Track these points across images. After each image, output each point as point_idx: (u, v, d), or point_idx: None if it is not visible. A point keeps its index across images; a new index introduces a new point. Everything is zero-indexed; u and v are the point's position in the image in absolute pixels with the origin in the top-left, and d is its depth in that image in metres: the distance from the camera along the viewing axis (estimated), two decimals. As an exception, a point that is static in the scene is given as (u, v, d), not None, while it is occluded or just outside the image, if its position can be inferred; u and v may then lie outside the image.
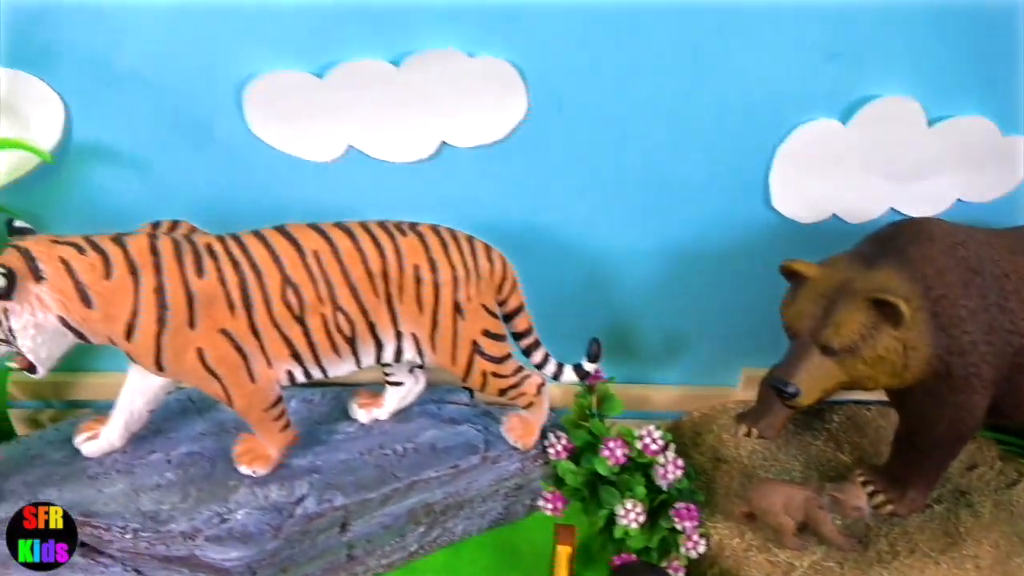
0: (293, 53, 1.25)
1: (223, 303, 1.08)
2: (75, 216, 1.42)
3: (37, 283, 1.03)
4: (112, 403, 1.54)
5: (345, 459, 1.30)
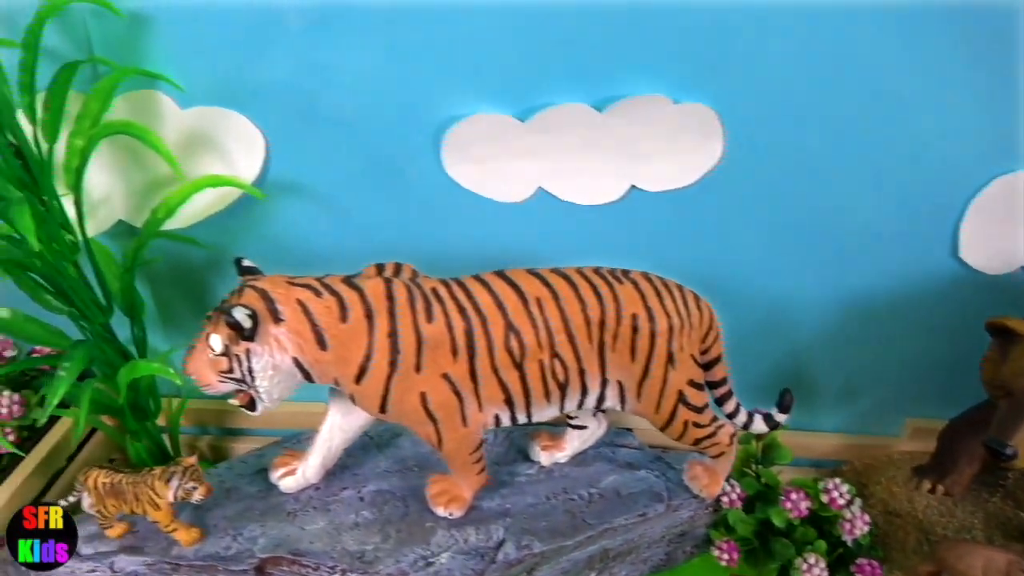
0: (498, 96, 1.26)
1: (448, 348, 1.08)
2: (261, 250, 1.44)
3: (276, 324, 1.04)
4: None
5: (533, 503, 1.29)
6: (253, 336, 1.02)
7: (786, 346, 1.52)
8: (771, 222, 1.38)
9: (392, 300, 1.06)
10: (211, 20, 1.21)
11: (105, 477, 1.15)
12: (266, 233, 1.42)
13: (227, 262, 1.47)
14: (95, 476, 1.15)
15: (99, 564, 1.15)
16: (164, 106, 1.28)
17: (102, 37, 1.24)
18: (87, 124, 1.18)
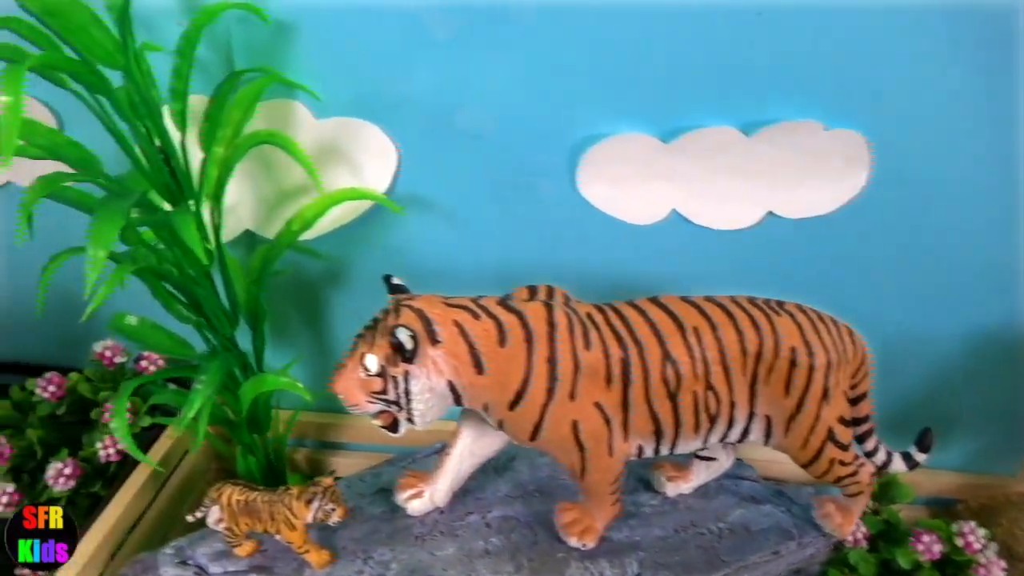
0: (643, 116, 1.23)
1: (602, 376, 1.05)
2: (380, 265, 1.41)
3: (433, 346, 1.01)
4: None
5: (662, 536, 1.25)
6: (413, 358, 0.99)
7: (905, 380, 1.48)
8: (907, 254, 1.34)
9: (553, 326, 1.03)
10: (356, 30, 1.19)
11: (239, 494, 1.12)
12: (386, 247, 1.40)
13: (344, 276, 1.46)
14: (228, 493, 1.13)
15: (230, 584, 1.13)
16: (300, 116, 1.26)
17: (242, 43, 1.22)
18: (229, 133, 1.16)
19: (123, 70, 1.01)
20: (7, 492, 1.32)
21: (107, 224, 0.88)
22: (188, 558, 1.17)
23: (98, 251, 0.87)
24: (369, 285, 1.46)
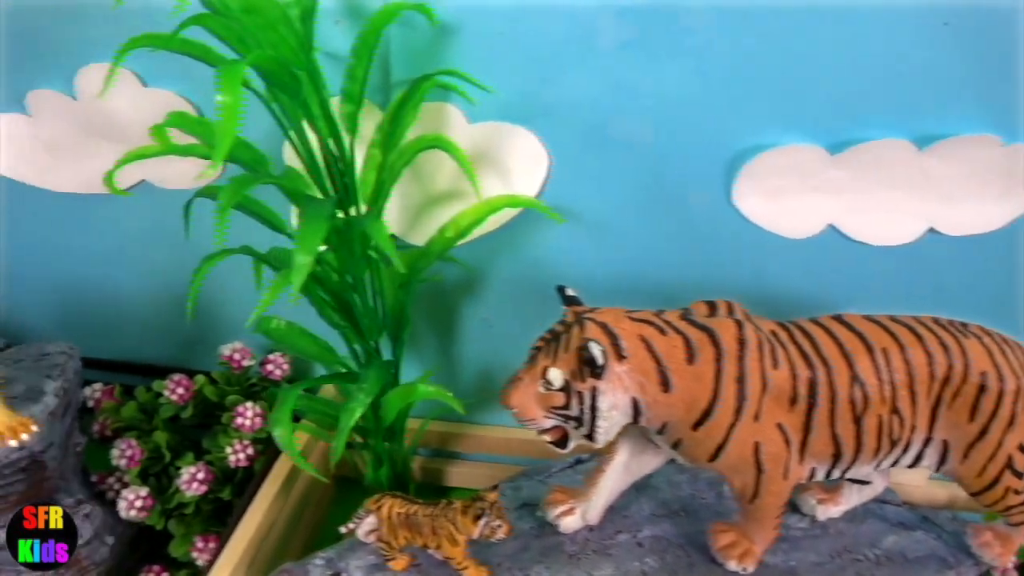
0: (811, 127, 1.19)
1: (787, 397, 1.01)
2: (517, 275, 1.40)
3: (619, 362, 0.97)
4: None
5: (817, 562, 1.20)
6: (603, 374, 0.96)
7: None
8: (1067, 276, 1.30)
9: (743, 344, 0.99)
10: (519, 32, 1.16)
11: (400, 507, 1.10)
12: (524, 258, 1.37)
13: (478, 286, 1.43)
14: (389, 505, 1.10)
15: (389, 597, 1.10)
16: (454, 119, 1.23)
17: (400, 45, 1.19)
18: (390, 137, 1.13)
19: (305, 70, 0.99)
20: (140, 496, 1.30)
21: (313, 229, 0.85)
22: (341, 570, 1.14)
23: (306, 257, 0.84)
24: (503, 296, 1.43)
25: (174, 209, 1.41)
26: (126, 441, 1.34)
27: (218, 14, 0.90)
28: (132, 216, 1.44)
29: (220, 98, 0.80)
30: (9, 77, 1.30)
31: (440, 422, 1.58)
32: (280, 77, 0.93)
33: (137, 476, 1.34)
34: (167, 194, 1.39)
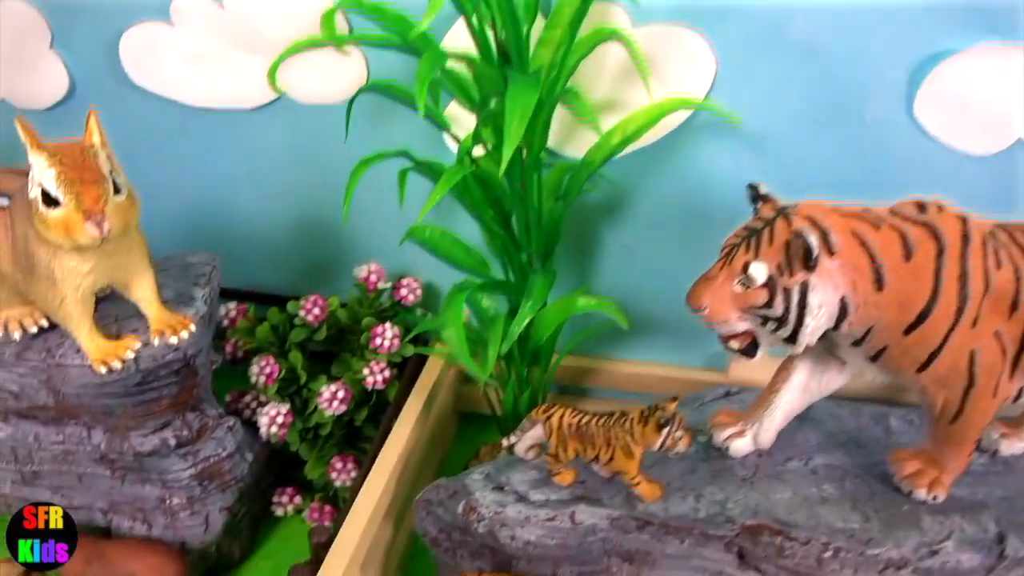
0: (1006, 27, 1.10)
1: (1007, 302, 0.93)
2: (662, 195, 1.33)
3: (829, 257, 0.90)
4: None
5: (1005, 496, 1.11)
6: (815, 266, 0.89)
7: None
8: None
9: (966, 240, 0.91)
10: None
11: (571, 417, 1.04)
12: (676, 176, 1.30)
13: (622, 205, 1.36)
14: (560, 414, 1.04)
15: (558, 512, 1.03)
16: (618, 20, 1.16)
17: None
18: (561, 34, 1.07)
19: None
20: (281, 412, 1.26)
21: (523, 102, 0.79)
22: (502, 483, 1.08)
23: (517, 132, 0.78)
24: (647, 221, 1.36)
25: (310, 126, 1.38)
26: (264, 358, 1.30)
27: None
28: (264, 134, 1.40)
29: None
30: (153, -17, 1.28)
31: (570, 356, 1.52)
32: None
33: (275, 393, 1.30)
34: (304, 111, 1.35)
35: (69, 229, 0.86)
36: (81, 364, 1.03)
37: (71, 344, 1.05)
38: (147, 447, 1.12)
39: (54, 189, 0.85)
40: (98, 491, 1.21)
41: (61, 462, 1.19)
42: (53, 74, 1.39)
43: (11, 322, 1.06)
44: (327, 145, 1.38)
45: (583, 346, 1.46)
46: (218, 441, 1.20)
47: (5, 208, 0.96)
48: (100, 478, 1.20)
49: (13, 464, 1.21)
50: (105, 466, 1.18)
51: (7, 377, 1.10)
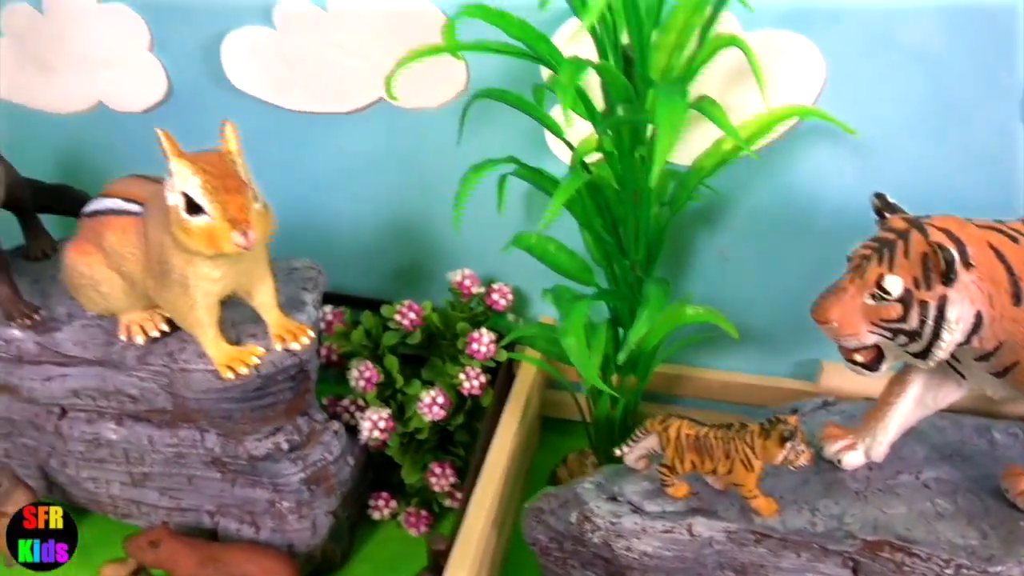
0: None
1: None
2: (760, 205, 1.32)
3: (967, 270, 0.89)
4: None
5: None
6: (955, 279, 0.88)
7: None
8: None
9: (1111, 253, 0.90)
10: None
11: (689, 428, 1.03)
12: (776, 183, 1.29)
13: (718, 213, 1.35)
14: (677, 426, 1.04)
15: (675, 524, 1.03)
16: (729, 27, 1.16)
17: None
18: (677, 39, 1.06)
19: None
20: (383, 417, 1.27)
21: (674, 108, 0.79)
22: (615, 494, 1.09)
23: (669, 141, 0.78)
24: (744, 228, 1.35)
25: (407, 130, 1.39)
26: (363, 363, 1.31)
27: None
28: (361, 138, 1.41)
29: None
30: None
31: (667, 364, 1.52)
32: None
33: (375, 398, 1.31)
34: (401, 115, 1.35)
35: (214, 238, 0.87)
36: (204, 369, 1.05)
37: (194, 349, 1.06)
38: (261, 451, 1.13)
39: (199, 197, 0.86)
40: (207, 493, 1.23)
41: (172, 464, 1.20)
42: (151, 77, 1.41)
43: (133, 327, 1.07)
44: (422, 150, 1.39)
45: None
46: (325, 446, 1.21)
47: (139, 216, 0.98)
48: (210, 481, 1.22)
49: (124, 465, 1.23)
50: (216, 469, 1.20)
51: (127, 381, 1.11)
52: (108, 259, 1.00)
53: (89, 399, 1.15)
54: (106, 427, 1.18)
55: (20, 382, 1.15)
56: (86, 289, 1.03)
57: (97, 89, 1.46)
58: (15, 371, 1.15)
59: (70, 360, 1.12)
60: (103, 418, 1.19)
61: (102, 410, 1.17)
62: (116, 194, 1.00)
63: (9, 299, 1.10)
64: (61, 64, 1.43)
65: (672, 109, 0.78)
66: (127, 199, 0.99)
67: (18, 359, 1.14)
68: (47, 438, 1.24)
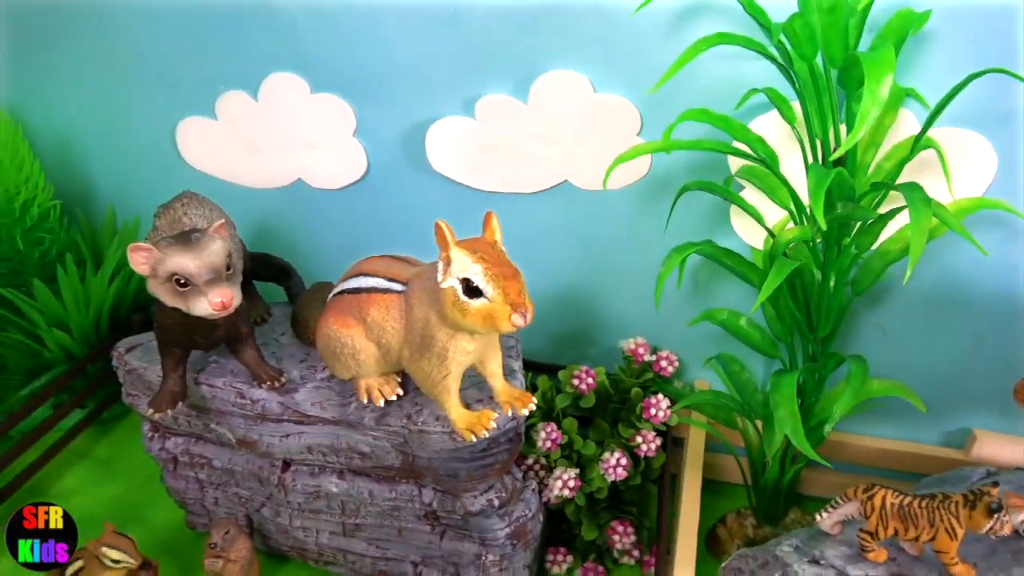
0: None
1: None
2: (924, 279, 1.40)
3: None
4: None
5: None
6: None
7: None
8: None
9: None
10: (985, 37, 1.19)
11: (894, 498, 1.11)
12: (939, 263, 1.37)
13: (881, 289, 1.44)
14: (882, 495, 1.11)
15: (881, 588, 1.11)
16: (908, 125, 1.26)
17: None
18: (869, 136, 1.17)
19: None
20: (572, 476, 1.36)
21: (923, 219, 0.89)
22: (817, 557, 1.16)
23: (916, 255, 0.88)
24: (904, 303, 1.43)
25: (584, 209, 1.51)
26: (549, 425, 1.41)
27: (802, 15, 0.96)
28: (542, 215, 1.52)
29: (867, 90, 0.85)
30: (462, 86, 1.42)
31: (809, 428, 1.59)
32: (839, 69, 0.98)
33: (562, 458, 1.41)
34: (581, 195, 1.47)
35: (493, 319, 0.98)
36: (440, 431, 1.15)
37: (430, 412, 1.17)
38: (476, 507, 1.23)
39: (481, 284, 0.97)
40: (415, 545, 1.33)
41: (386, 517, 1.30)
42: (352, 159, 1.55)
43: (373, 390, 1.18)
44: (595, 225, 1.51)
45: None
46: (525, 503, 1.30)
47: (401, 294, 1.09)
48: (420, 533, 1.31)
49: (338, 516, 1.33)
50: (427, 522, 1.30)
51: (361, 439, 1.22)
52: (368, 331, 1.12)
53: (320, 455, 1.26)
54: (328, 480, 1.29)
55: (259, 438, 1.27)
56: (344, 357, 1.14)
57: (299, 167, 1.61)
58: (255, 427, 1.27)
59: (308, 419, 1.24)
60: (325, 472, 1.29)
61: (328, 465, 1.28)
62: (377, 273, 1.12)
63: (257, 363, 1.23)
64: (269, 147, 1.59)
65: (922, 215, 0.89)
66: (390, 279, 1.11)
67: (261, 417, 1.25)
68: (266, 489, 1.35)
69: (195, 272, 1.01)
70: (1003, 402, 1.51)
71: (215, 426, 1.29)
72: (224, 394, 1.25)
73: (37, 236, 1.60)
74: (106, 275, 1.63)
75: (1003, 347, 1.45)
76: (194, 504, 1.46)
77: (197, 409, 1.28)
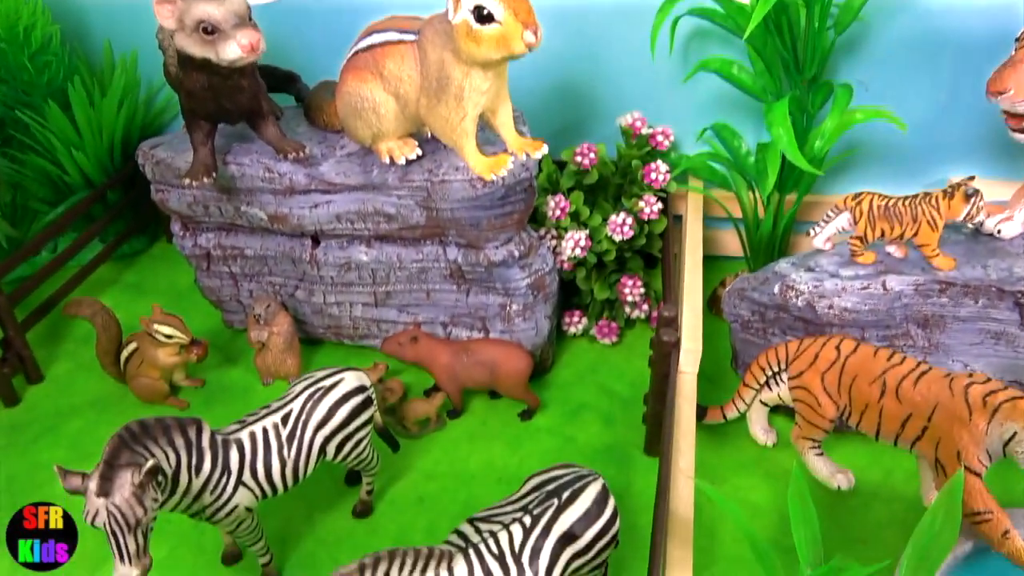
0: None
1: None
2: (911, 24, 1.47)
3: None
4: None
5: None
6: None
7: None
8: None
9: None
10: None
11: (880, 200, 1.22)
12: (918, 9, 1.45)
13: (861, 40, 1.51)
14: (869, 199, 1.22)
15: (870, 281, 1.23)
16: None
17: None
18: None
19: None
20: (583, 236, 1.46)
21: None
22: (813, 266, 1.28)
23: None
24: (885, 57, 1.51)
25: None
26: (557, 195, 1.50)
27: None
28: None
29: None
30: None
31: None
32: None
33: (571, 222, 1.50)
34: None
35: (506, 40, 1.04)
36: (462, 180, 1.24)
37: (449, 164, 1.25)
38: (498, 257, 1.33)
39: (493, 7, 1.03)
40: (443, 306, 1.43)
41: (414, 281, 1.40)
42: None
43: (395, 151, 1.26)
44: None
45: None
46: (542, 257, 1.40)
47: (413, 43, 1.15)
48: (447, 293, 1.41)
49: (369, 286, 1.43)
50: (452, 282, 1.40)
51: (386, 201, 1.31)
52: (386, 84, 1.18)
53: (348, 223, 1.34)
54: (358, 250, 1.38)
55: (290, 211, 1.35)
56: (365, 112, 1.20)
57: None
58: (285, 201, 1.34)
59: (334, 187, 1.32)
60: (354, 243, 1.39)
61: (356, 233, 1.36)
62: (388, 28, 1.18)
63: (279, 138, 1.29)
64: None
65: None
66: (401, 31, 1.16)
67: (290, 190, 1.33)
68: (299, 269, 1.44)
69: (221, 17, 1.06)
70: (977, 151, 1.61)
71: (245, 208, 1.37)
72: (252, 170, 1.32)
73: (43, 60, 1.62)
74: (114, 100, 1.67)
75: (977, 99, 1.54)
76: (229, 301, 1.56)
77: (227, 192, 1.36)
